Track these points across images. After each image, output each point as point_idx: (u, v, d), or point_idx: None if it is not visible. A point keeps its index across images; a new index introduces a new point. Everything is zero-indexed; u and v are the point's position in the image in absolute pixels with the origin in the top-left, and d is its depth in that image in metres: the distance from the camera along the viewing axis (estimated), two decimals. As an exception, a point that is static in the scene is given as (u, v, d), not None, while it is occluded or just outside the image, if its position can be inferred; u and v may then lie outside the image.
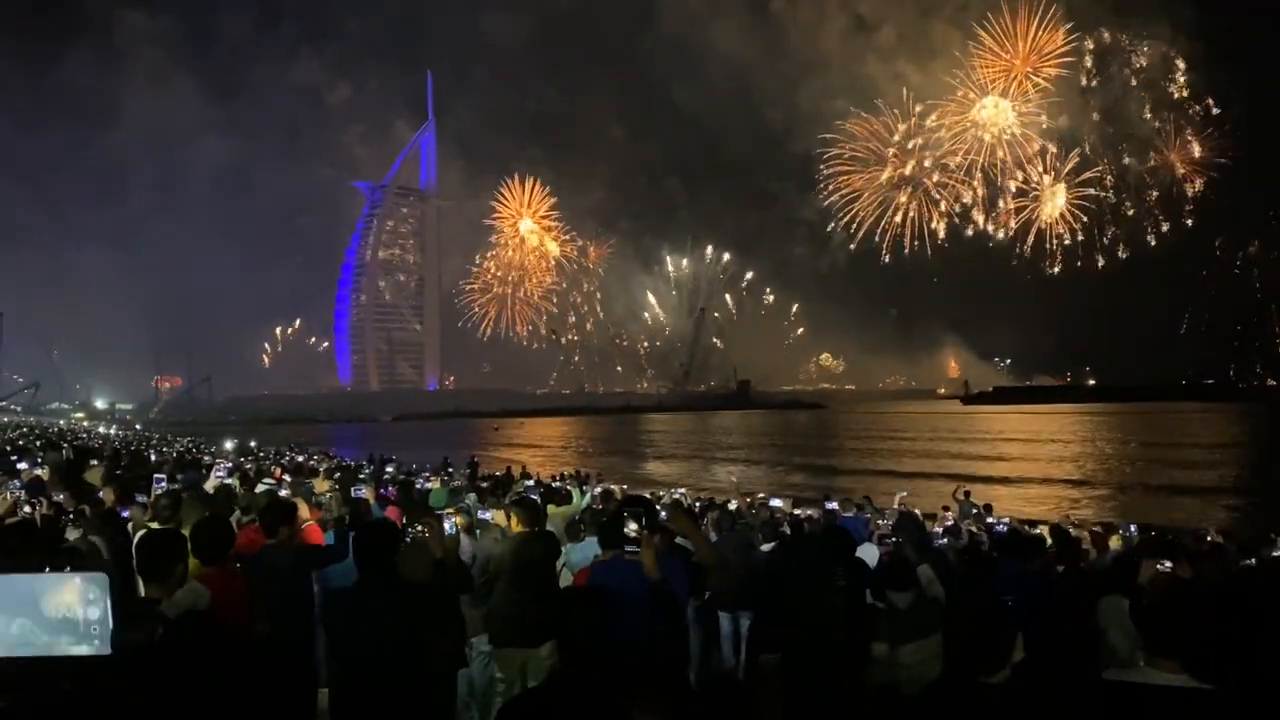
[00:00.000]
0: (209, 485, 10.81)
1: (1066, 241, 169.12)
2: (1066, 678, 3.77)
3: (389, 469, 23.83)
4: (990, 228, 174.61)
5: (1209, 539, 11.92)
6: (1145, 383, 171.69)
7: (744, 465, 56.41)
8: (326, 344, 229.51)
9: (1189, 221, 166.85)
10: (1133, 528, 12.60)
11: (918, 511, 14.88)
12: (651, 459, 66.29)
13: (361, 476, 16.96)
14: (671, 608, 4.96)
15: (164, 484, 10.05)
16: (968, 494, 18.68)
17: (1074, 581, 6.39)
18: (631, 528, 5.02)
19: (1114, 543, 11.00)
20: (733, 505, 14.08)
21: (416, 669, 4.60)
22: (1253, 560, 9.70)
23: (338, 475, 16.24)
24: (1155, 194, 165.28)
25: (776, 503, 15.11)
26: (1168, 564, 6.38)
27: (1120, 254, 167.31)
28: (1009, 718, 3.27)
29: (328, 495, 10.00)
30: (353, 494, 10.66)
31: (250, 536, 6.56)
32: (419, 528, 5.34)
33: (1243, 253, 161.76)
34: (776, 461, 59.64)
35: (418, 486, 15.69)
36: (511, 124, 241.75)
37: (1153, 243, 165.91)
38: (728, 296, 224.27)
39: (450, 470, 24.13)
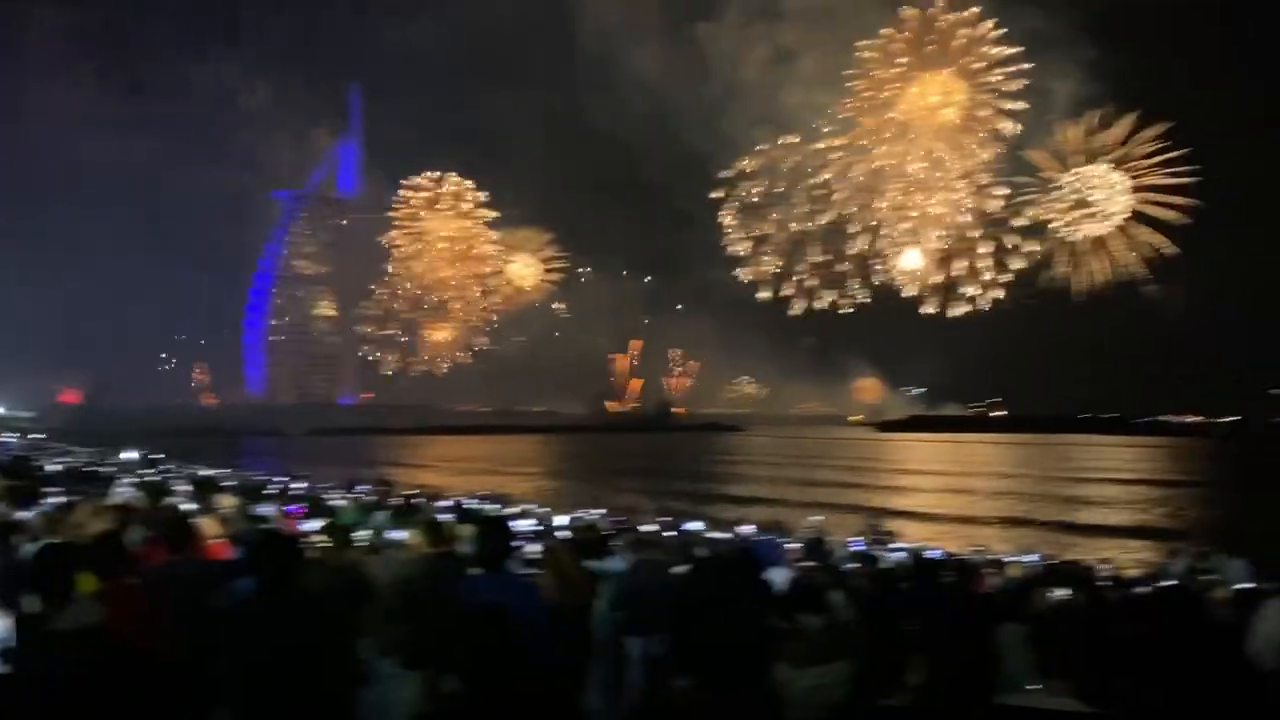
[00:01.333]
0: (110, 498, 10.47)
1: (970, 290, 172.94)
2: (963, 702, 3.87)
3: (297, 486, 23.34)
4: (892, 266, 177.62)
5: (1106, 570, 12.41)
6: (1050, 414, 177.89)
7: (661, 487, 56.54)
8: (238, 355, 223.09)
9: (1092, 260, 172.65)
10: (1032, 557, 13.03)
11: (828, 536, 15.13)
12: (571, 479, 66.00)
13: (267, 493, 16.59)
14: (573, 631, 4.96)
15: (52, 497, 9.66)
16: (877, 519, 19.07)
17: (974, 607, 6.57)
18: (534, 549, 5.03)
19: (1013, 571, 11.36)
20: (647, 528, 14.15)
21: (314, 685, 4.51)
22: (1147, 589, 10.10)
23: (243, 491, 15.87)
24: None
25: (692, 526, 15.24)
26: (1064, 593, 6.62)
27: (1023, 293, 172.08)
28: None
29: (231, 511, 9.77)
30: (257, 511, 10.43)
31: (151, 552, 6.36)
32: (315, 538, 5.25)
33: (1144, 289, 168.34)
34: (693, 484, 59.91)
35: (328, 504, 15.42)
36: (425, 132, 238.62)
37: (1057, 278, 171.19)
38: (650, 317, 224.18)
39: (362, 488, 23.72)
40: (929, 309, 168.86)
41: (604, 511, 17.82)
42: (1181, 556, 15.71)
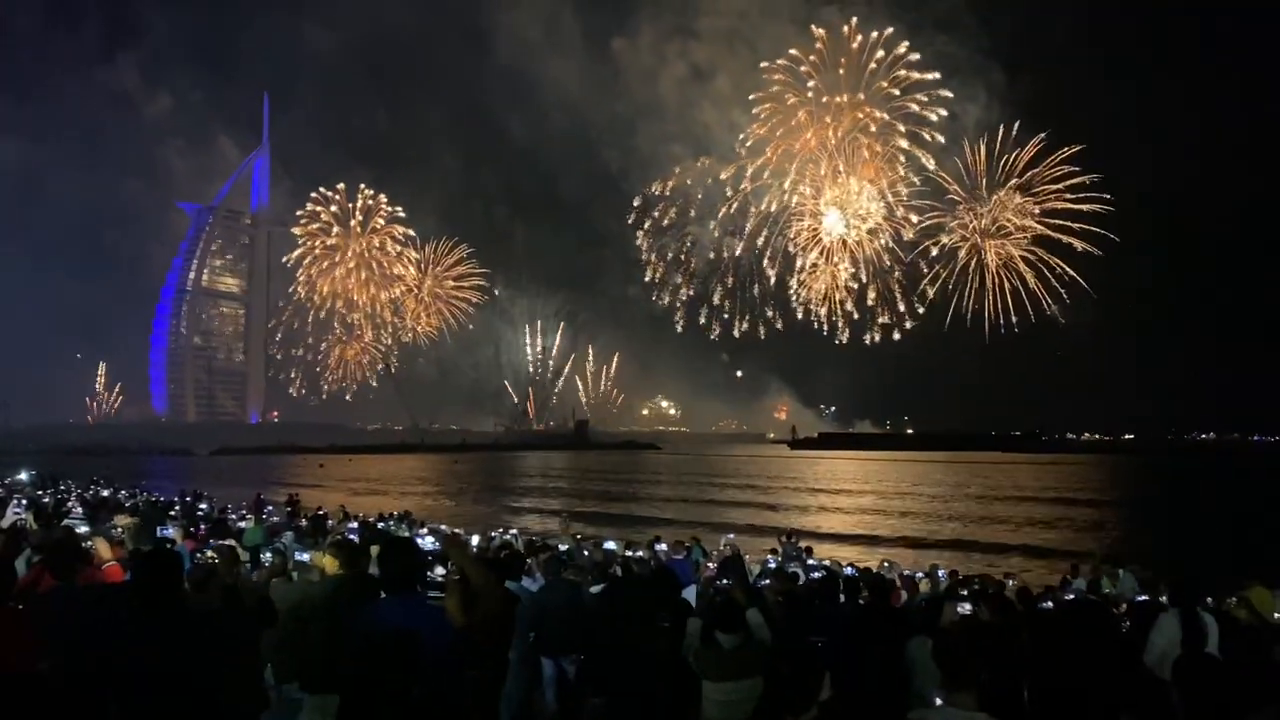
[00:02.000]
0: (1, 521, 9.97)
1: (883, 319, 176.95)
2: (872, 716, 3.91)
3: (202, 507, 22.59)
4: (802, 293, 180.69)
5: (1010, 584, 12.72)
6: (958, 431, 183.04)
7: (576, 505, 56.28)
8: (138, 370, 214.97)
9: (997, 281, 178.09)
10: (941, 572, 13.29)
11: (745, 554, 15.24)
12: (484, 499, 65.30)
13: (171, 514, 16.02)
14: (479, 652, 4.88)
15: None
16: (792, 537, 19.25)
17: (885, 622, 6.66)
18: (439, 571, 4.93)
19: (923, 586, 11.56)
20: (563, 547, 14.05)
21: (207, 707, 4.34)
22: (1049, 604, 10.38)
23: (144, 512, 15.28)
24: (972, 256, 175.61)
25: (609, 544, 15.18)
26: (968, 607, 6.74)
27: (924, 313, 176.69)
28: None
29: (121, 531, 9.37)
30: (159, 533, 10.03)
31: (39, 576, 6.07)
32: (208, 554, 5.08)
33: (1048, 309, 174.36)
34: (609, 502, 59.83)
35: (233, 525, 14.95)
36: (338, 145, 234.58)
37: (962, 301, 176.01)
38: (565, 335, 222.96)
39: (268, 508, 23.09)
40: (841, 338, 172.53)
41: (517, 531, 17.64)
42: (1082, 571, 16.25)
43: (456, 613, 4.80)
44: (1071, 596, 10.60)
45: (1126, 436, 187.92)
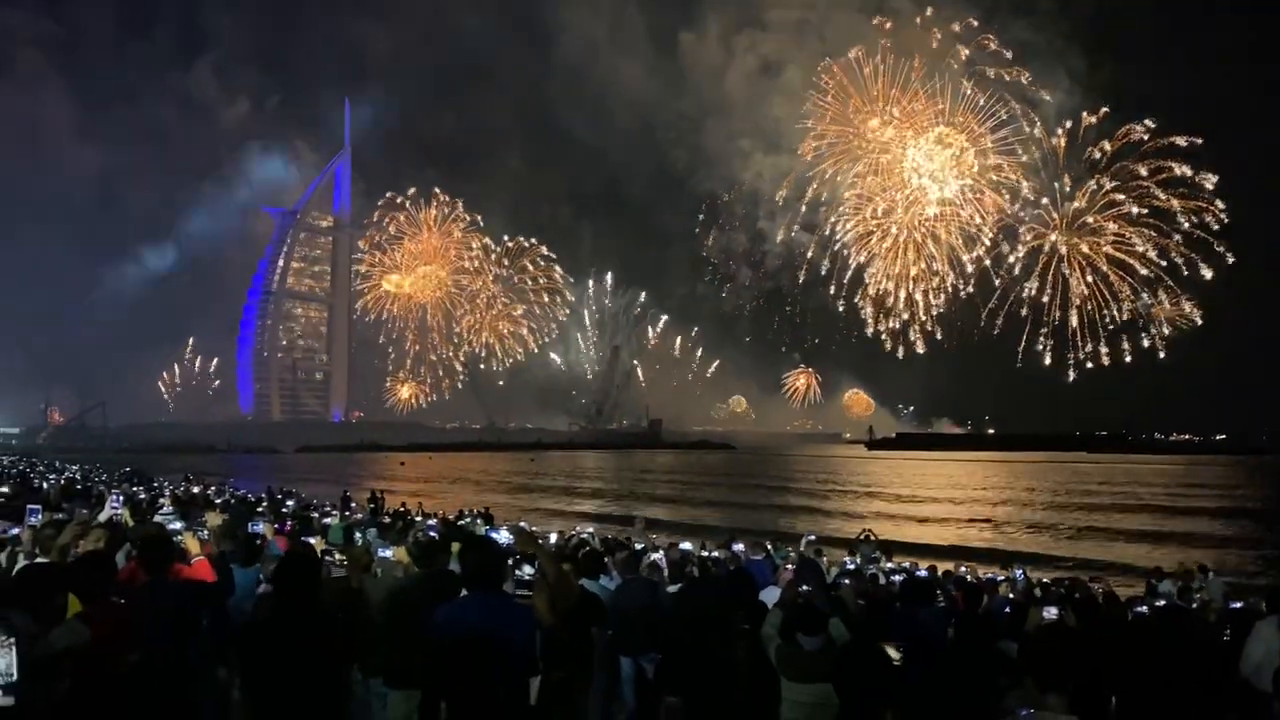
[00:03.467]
0: (101, 516, 10.36)
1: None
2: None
3: (288, 503, 23.19)
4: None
5: (1097, 589, 12.38)
6: (1041, 432, 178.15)
7: (654, 505, 56.38)
8: (225, 370, 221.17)
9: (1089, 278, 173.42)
10: (1020, 574, 13.00)
11: (823, 555, 15.09)
12: (562, 496, 65.85)
13: (260, 510, 16.48)
14: (564, 653, 4.93)
15: (38, 514, 9.51)
16: (869, 537, 19.03)
17: (969, 627, 6.54)
18: (527, 571, 4.99)
19: (1004, 590, 11.33)
20: (639, 546, 14.09)
21: (313, 702, 4.50)
22: (1143, 609, 10.07)
23: (233, 508, 15.76)
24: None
25: (685, 545, 15.18)
26: (1054, 611, 6.59)
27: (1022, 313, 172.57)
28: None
29: (218, 528, 9.67)
30: (249, 529, 10.32)
31: (135, 571, 6.31)
32: (337, 557, 5.24)
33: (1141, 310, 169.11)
34: (686, 502, 59.80)
35: (317, 522, 15.32)
36: (405, 148, 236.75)
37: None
38: (638, 334, 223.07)
39: (352, 505, 23.61)
40: (918, 337, 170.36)
41: (593, 530, 17.75)
42: (1169, 575, 15.75)
43: (545, 612, 4.85)
44: (1161, 603, 10.28)
45: (1218, 437, 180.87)
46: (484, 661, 3.61)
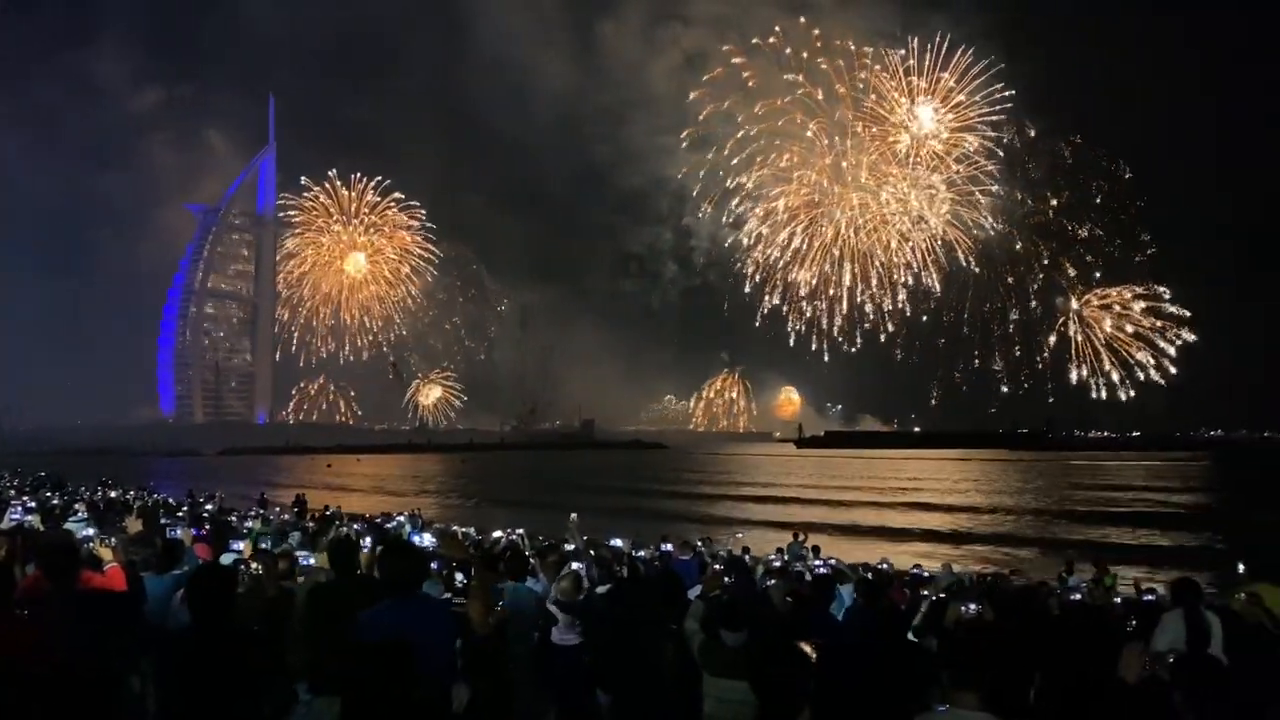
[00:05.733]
0: (1, 524, 10.01)
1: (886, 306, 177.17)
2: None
3: (208, 507, 22.63)
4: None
5: (1017, 582, 12.72)
6: (965, 430, 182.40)
7: (585, 505, 56.16)
8: (144, 372, 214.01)
9: (1010, 279, 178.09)
10: (942, 569, 13.28)
11: (749, 552, 15.23)
12: (490, 498, 65.36)
13: (179, 515, 16.07)
14: (491, 660, 4.89)
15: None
16: (799, 535, 19.26)
17: (884, 622, 6.66)
18: (459, 577, 4.93)
19: (928, 587, 11.55)
20: (569, 547, 14.03)
21: (247, 712, 4.41)
22: (1053, 603, 10.35)
23: (147, 512, 15.31)
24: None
25: (616, 542, 15.19)
26: (973, 607, 6.73)
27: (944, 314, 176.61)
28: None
29: (134, 534, 9.41)
30: (167, 534, 10.05)
31: (39, 580, 6.09)
32: (254, 566, 5.12)
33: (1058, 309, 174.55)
34: (618, 501, 59.80)
35: (237, 526, 14.99)
36: (320, 140, 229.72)
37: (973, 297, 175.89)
38: (566, 333, 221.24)
39: (274, 509, 23.12)
40: (841, 335, 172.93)
41: (523, 531, 17.63)
42: (1077, 569, 16.24)
43: (480, 619, 4.80)
44: (1077, 597, 10.59)
45: (1133, 434, 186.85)
46: (403, 667, 3.57)
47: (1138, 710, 4.35)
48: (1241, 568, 13.05)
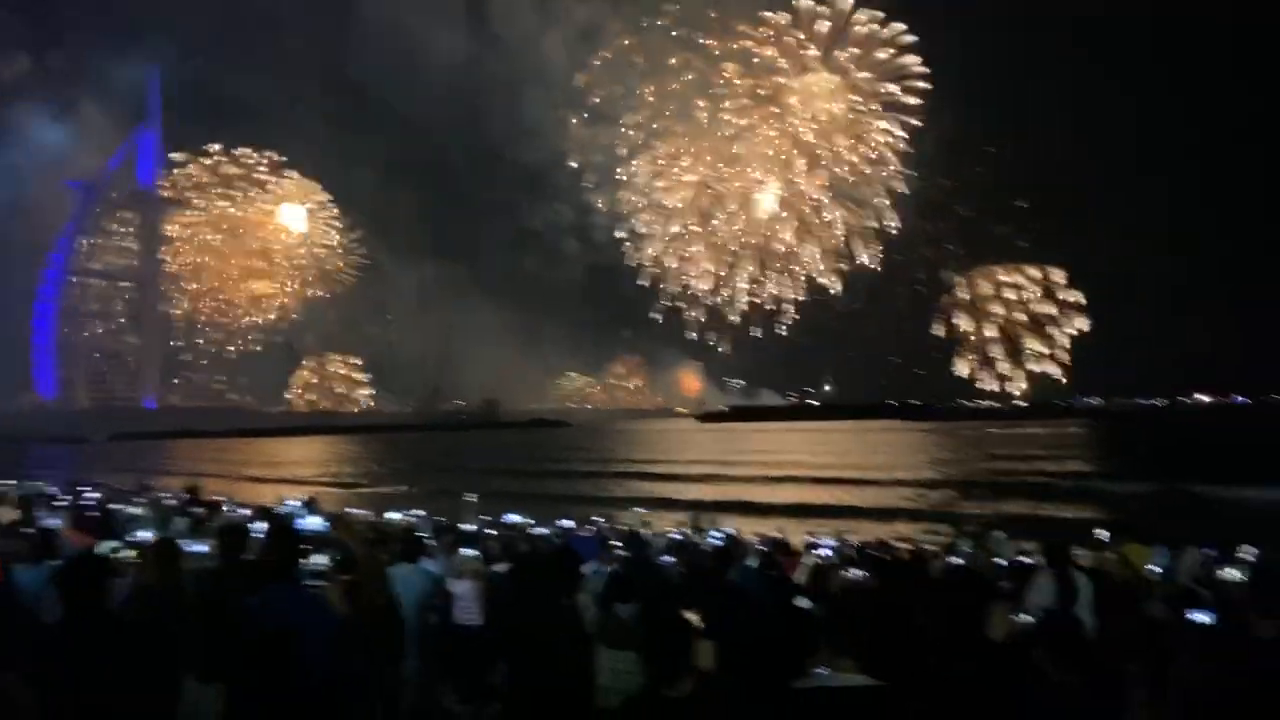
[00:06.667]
0: None
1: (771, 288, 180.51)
2: (756, 687, 4.02)
3: (91, 496, 21.74)
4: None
5: (904, 549, 13.17)
6: (861, 402, 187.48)
7: (487, 487, 55.83)
8: (18, 354, 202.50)
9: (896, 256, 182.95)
10: (829, 540, 13.65)
11: (649, 529, 15.42)
12: (391, 481, 64.46)
13: (57, 504, 15.44)
14: (361, 641, 4.86)
15: None
16: (698, 510, 19.56)
17: (771, 590, 6.84)
18: (323, 560, 4.89)
19: (810, 556, 11.86)
20: (471, 528, 14.02)
21: (130, 703, 4.29)
22: (936, 566, 10.76)
23: (25, 502, 14.66)
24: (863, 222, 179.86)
25: (512, 517, 15.24)
26: (856, 573, 6.97)
27: (833, 284, 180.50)
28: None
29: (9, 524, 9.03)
30: (40, 524, 9.67)
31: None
32: (134, 554, 4.96)
33: (943, 281, 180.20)
34: (519, 481, 59.59)
35: (121, 515, 14.44)
36: (199, 109, 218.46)
37: (867, 262, 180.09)
38: (465, 310, 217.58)
39: (160, 495, 22.34)
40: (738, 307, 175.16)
41: (423, 513, 17.50)
42: (966, 534, 16.90)
43: (340, 601, 4.76)
44: (959, 561, 11.04)
45: (1018, 403, 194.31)
46: (292, 653, 3.53)
47: (1003, 666, 4.57)
48: (1101, 532, 13.83)
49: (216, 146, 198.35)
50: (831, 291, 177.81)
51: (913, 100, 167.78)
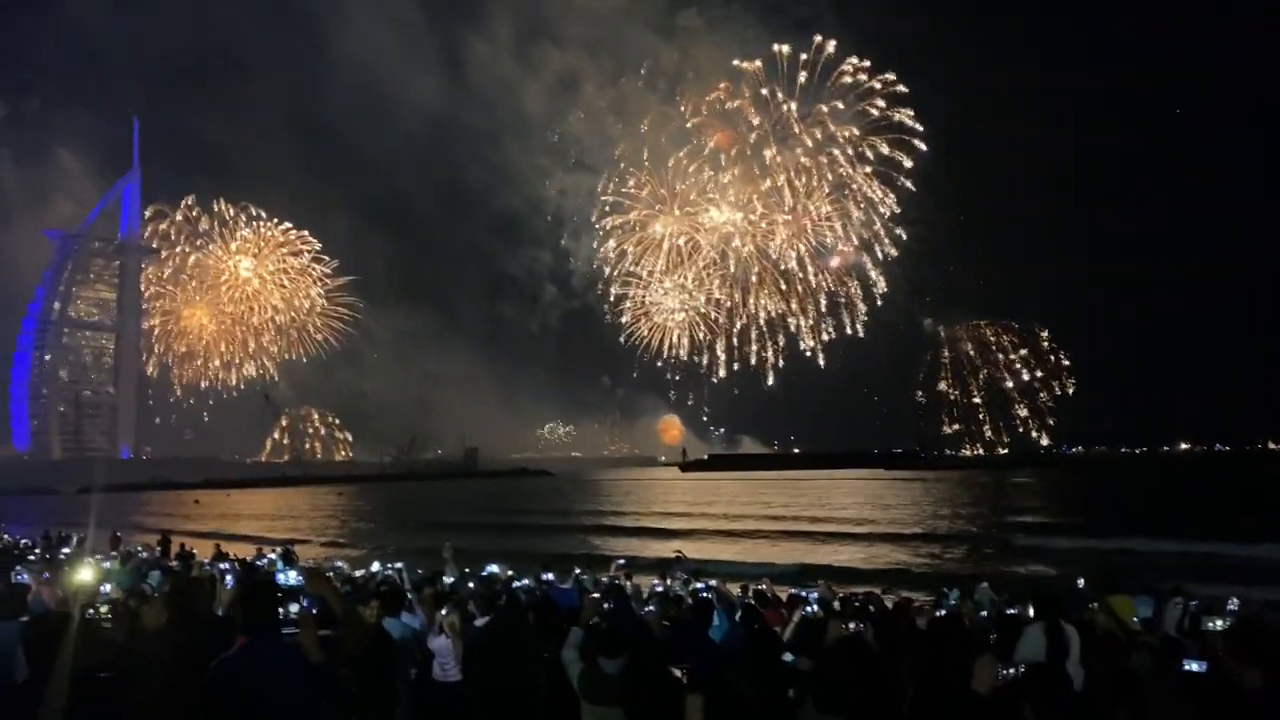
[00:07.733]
0: None
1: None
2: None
3: (65, 549, 21.38)
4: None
5: (890, 600, 13.07)
6: (843, 451, 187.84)
7: (466, 536, 55.21)
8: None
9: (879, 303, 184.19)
10: (814, 594, 13.52)
11: (629, 580, 15.22)
12: (368, 532, 63.69)
13: (31, 558, 15.15)
14: (334, 687, 4.74)
15: None
16: (680, 560, 19.34)
17: (757, 644, 6.75)
18: (292, 608, 4.77)
19: (806, 607, 11.73)
20: (449, 579, 13.81)
21: None
22: (922, 620, 10.67)
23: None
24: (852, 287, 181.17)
25: (492, 568, 15.04)
26: (850, 626, 6.89)
27: (819, 339, 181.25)
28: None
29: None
30: (13, 579, 9.47)
31: None
32: (102, 610, 4.85)
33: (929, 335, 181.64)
34: (499, 531, 58.98)
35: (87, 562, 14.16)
36: (175, 157, 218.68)
37: (851, 330, 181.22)
38: (441, 358, 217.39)
39: (129, 549, 21.97)
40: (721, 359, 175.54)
41: (402, 565, 17.26)
42: (956, 587, 16.76)
43: (313, 649, 4.62)
44: (942, 612, 10.95)
45: (1001, 452, 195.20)
46: (266, 713, 3.44)
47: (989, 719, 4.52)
48: (1081, 582, 13.77)
49: (190, 199, 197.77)
50: (813, 358, 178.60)
51: (906, 160, 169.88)
